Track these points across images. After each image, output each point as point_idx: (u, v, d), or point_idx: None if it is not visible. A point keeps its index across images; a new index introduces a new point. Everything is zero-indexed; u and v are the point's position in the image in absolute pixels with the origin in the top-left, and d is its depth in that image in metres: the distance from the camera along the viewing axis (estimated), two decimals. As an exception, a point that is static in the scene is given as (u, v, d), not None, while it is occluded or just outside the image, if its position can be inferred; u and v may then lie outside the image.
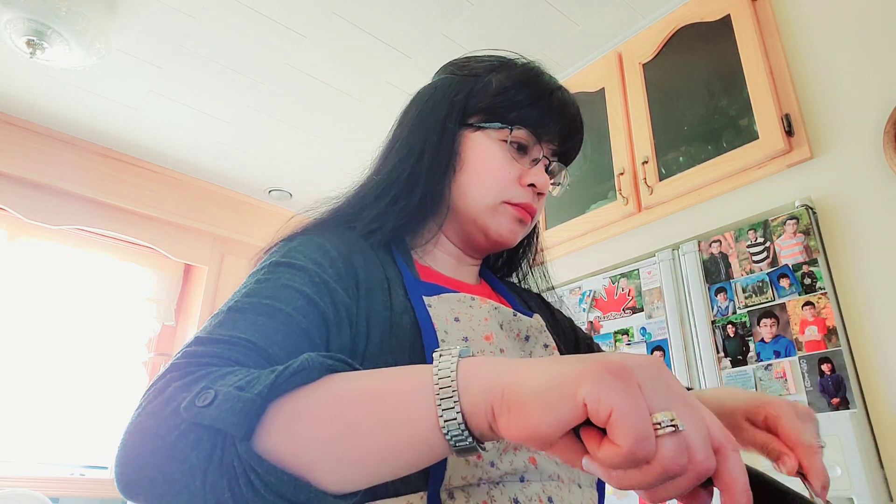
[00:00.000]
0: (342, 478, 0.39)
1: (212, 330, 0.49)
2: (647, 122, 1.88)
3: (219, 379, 0.41)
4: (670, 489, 0.32)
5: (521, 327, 0.68)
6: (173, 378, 0.42)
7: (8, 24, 2.02)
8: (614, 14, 2.06)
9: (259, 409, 0.38)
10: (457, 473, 0.51)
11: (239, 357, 0.46)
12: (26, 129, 2.69)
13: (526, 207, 0.70)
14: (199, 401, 0.39)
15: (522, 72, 0.71)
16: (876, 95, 1.43)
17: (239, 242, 3.26)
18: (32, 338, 2.68)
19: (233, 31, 2.15)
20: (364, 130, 2.73)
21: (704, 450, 0.32)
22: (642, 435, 0.31)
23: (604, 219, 1.90)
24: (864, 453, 1.19)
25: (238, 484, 0.37)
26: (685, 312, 1.58)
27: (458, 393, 0.37)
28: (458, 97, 0.71)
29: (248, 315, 0.50)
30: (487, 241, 0.71)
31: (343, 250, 0.61)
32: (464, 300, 0.64)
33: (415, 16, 2.09)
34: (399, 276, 0.64)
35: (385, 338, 0.56)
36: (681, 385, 0.35)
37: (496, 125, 0.69)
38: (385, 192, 0.69)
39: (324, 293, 0.55)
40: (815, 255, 1.37)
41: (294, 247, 0.60)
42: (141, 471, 0.39)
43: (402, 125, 0.75)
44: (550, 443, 0.34)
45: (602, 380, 0.32)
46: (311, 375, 0.41)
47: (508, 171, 0.69)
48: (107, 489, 2.73)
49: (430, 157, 0.69)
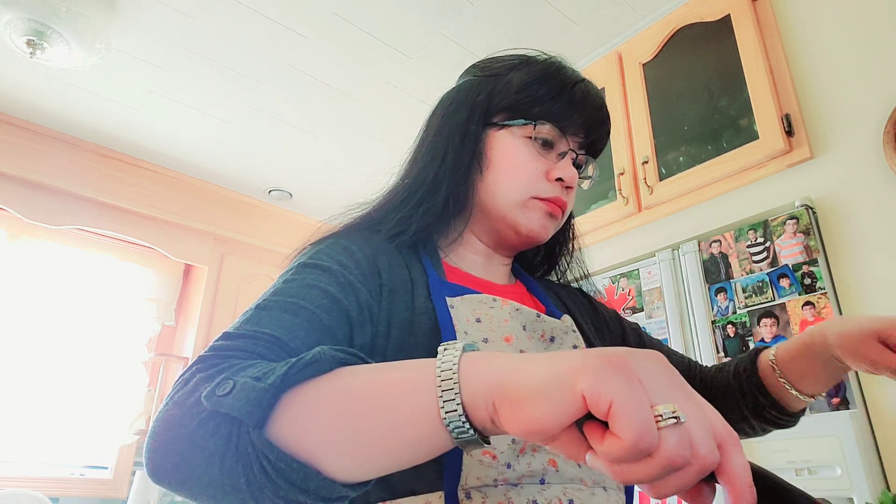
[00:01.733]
0: (350, 467, 0.40)
1: (239, 326, 0.51)
2: (647, 122, 1.88)
3: (240, 371, 0.43)
4: (674, 483, 0.32)
5: (546, 329, 0.67)
6: (199, 370, 0.45)
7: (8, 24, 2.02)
8: (614, 14, 2.06)
9: (272, 399, 0.40)
10: (472, 474, 0.52)
11: (262, 351, 0.48)
12: (26, 129, 2.69)
13: (556, 201, 0.70)
14: (219, 390, 0.40)
15: (543, 67, 0.71)
16: (876, 95, 1.43)
17: (239, 242, 3.26)
18: (32, 338, 2.68)
19: (233, 31, 2.15)
20: (364, 130, 2.73)
21: (708, 443, 0.32)
22: (644, 426, 0.30)
23: (604, 219, 1.90)
24: (864, 453, 1.19)
25: (252, 470, 0.39)
26: (685, 312, 1.58)
27: (458, 385, 0.38)
28: (480, 97, 0.72)
29: (273, 312, 0.52)
30: (518, 238, 0.71)
31: (368, 252, 0.63)
32: (485, 301, 0.64)
33: (415, 16, 2.09)
34: (423, 278, 0.65)
35: (405, 338, 0.58)
36: (681, 378, 0.35)
37: (520, 122, 0.70)
38: (410, 196, 0.70)
39: (348, 292, 0.57)
40: (815, 254, 1.37)
41: (321, 249, 0.62)
42: (166, 457, 0.41)
43: (428, 130, 0.76)
44: (552, 437, 0.34)
45: (602, 372, 0.32)
46: (323, 367, 0.42)
47: (535, 166, 0.69)
48: (107, 489, 2.73)
49: (452, 158, 0.70)
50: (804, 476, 1.23)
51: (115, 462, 2.81)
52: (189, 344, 3.01)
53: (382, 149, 2.83)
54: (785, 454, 1.26)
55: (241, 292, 3.17)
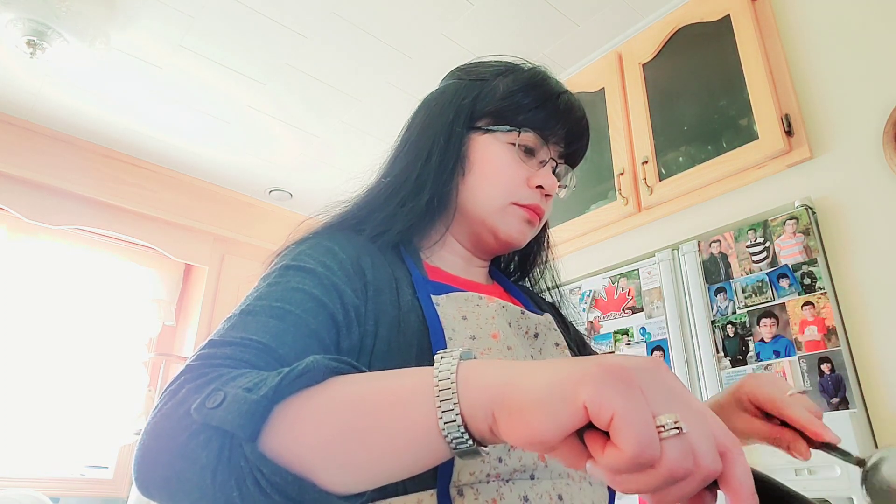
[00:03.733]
0: (346, 479, 0.40)
1: (224, 333, 0.50)
2: (647, 122, 1.88)
3: (229, 381, 0.42)
4: (675, 493, 0.31)
5: (530, 325, 0.68)
6: (187, 380, 0.44)
7: (8, 24, 2.02)
8: (614, 14, 2.06)
9: (264, 412, 0.39)
10: (465, 469, 0.51)
11: (250, 358, 0.47)
12: (26, 129, 2.69)
13: (534, 209, 0.71)
14: (209, 402, 0.40)
15: (529, 76, 0.72)
16: (876, 95, 1.43)
17: (239, 242, 3.26)
18: (33, 338, 2.68)
19: (233, 30, 2.15)
20: (364, 130, 2.73)
21: (710, 453, 0.31)
22: (646, 439, 0.30)
23: (604, 219, 1.90)
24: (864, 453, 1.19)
25: (245, 483, 0.38)
26: (685, 312, 1.58)
27: (457, 395, 0.37)
28: (465, 101, 0.72)
29: (259, 318, 0.51)
30: (497, 242, 0.72)
31: (351, 253, 0.62)
32: (471, 299, 0.64)
33: (415, 16, 2.09)
34: (407, 276, 0.64)
35: (393, 336, 0.57)
36: (683, 386, 0.34)
37: (504, 128, 0.70)
38: (393, 195, 0.70)
39: (332, 295, 0.56)
40: (814, 255, 1.37)
41: (304, 250, 0.61)
42: (155, 470, 0.40)
43: (411, 129, 0.76)
44: (552, 447, 0.34)
45: (603, 383, 0.32)
46: (316, 377, 0.41)
47: (517, 172, 0.70)
48: (107, 489, 2.74)
49: (437, 159, 0.70)
50: (804, 476, 1.23)
51: (115, 462, 2.81)
52: (189, 344, 3.01)
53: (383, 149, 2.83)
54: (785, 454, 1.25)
55: (241, 292, 3.16)
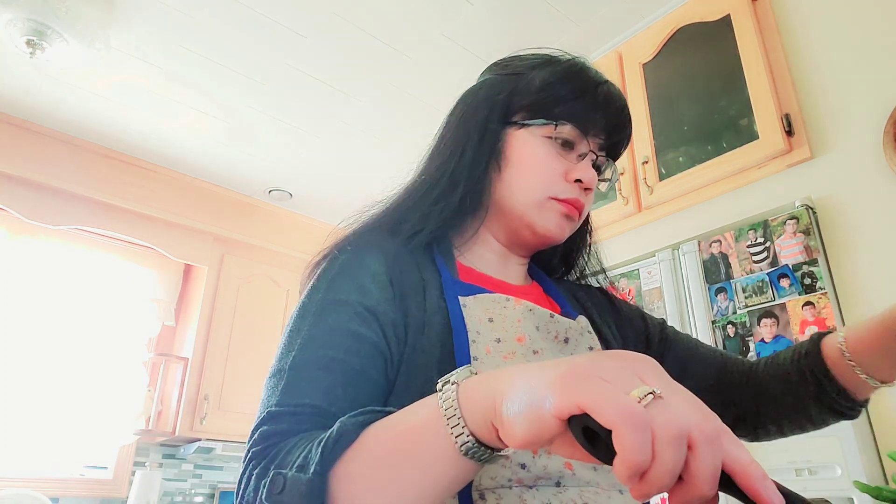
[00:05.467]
0: None
1: (280, 399, 0.53)
2: (647, 122, 1.88)
3: (285, 457, 0.47)
4: (699, 467, 0.31)
5: (560, 329, 0.67)
6: (253, 466, 0.48)
7: (8, 24, 2.02)
8: (614, 14, 2.06)
9: (320, 488, 0.43)
10: (486, 474, 0.52)
11: (306, 426, 0.51)
12: (26, 129, 2.69)
13: (573, 203, 0.69)
14: (274, 489, 0.44)
15: (566, 67, 0.71)
16: (876, 95, 1.43)
17: (239, 242, 3.26)
18: (33, 338, 2.68)
19: (233, 31, 2.15)
20: (364, 130, 2.73)
21: (700, 409, 0.32)
22: (626, 407, 0.30)
23: (604, 219, 1.90)
24: (864, 453, 1.19)
25: None
26: (685, 312, 1.58)
27: (463, 419, 0.40)
28: (500, 96, 0.71)
29: (307, 373, 0.54)
30: (534, 237, 0.71)
31: (384, 260, 0.63)
32: (498, 301, 0.64)
33: (415, 16, 2.09)
34: (436, 278, 0.65)
35: (418, 338, 0.58)
36: (659, 369, 0.35)
37: (540, 121, 0.69)
38: (428, 193, 0.70)
39: (371, 322, 0.58)
40: (815, 254, 1.37)
41: (335, 277, 0.62)
42: None
43: (448, 127, 0.76)
44: (547, 446, 0.36)
45: (561, 387, 0.34)
46: (350, 438, 0.45)
47: (554, 166, 0.68)
48: (107, 489, 2.74)
49: (470, 156, 0.69)
50: (804, 476, 1.23)
51: (115, 462, 2.81)
52: (189, 344, 3.01)
53: (383, 149, 2.83)
54: (785, 454, 1.26)
55: (240, 292, 3.17)
